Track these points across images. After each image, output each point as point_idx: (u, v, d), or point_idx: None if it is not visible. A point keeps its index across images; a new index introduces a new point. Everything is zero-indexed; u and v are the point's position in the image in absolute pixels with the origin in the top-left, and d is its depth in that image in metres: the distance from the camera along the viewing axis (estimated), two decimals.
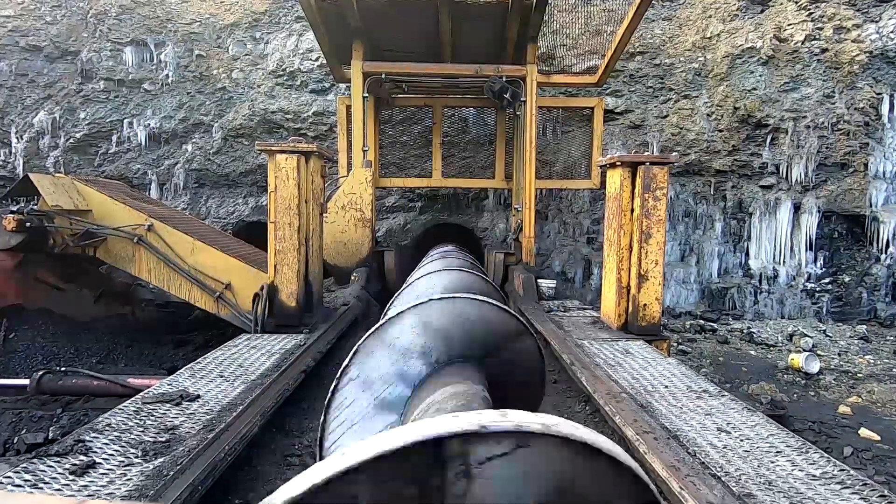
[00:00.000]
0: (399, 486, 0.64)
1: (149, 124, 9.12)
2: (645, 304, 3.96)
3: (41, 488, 1.61)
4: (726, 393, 2.67)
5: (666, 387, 2.78)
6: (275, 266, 3.87)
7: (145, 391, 2.54)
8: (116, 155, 9.24)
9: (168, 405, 2.41)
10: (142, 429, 2.15)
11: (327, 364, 3.54)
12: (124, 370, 5.35)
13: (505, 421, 0.67)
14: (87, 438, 2.02)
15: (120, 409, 2.32)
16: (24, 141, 9.16)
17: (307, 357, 3.14)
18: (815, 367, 5.45)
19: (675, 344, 6.22)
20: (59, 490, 1.61)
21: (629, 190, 4.04)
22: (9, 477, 1.65)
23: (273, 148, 3.87)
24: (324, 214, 4.49)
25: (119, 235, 5.42)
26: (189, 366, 2.97)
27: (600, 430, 2.63)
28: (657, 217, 3.90)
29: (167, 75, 9.13)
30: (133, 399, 2.43)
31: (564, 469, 0.69)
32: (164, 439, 2.08)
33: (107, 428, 2.12)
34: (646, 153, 4.20)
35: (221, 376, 2.84)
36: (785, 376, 5.43)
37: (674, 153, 6.73)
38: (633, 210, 4.05)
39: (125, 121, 9.13)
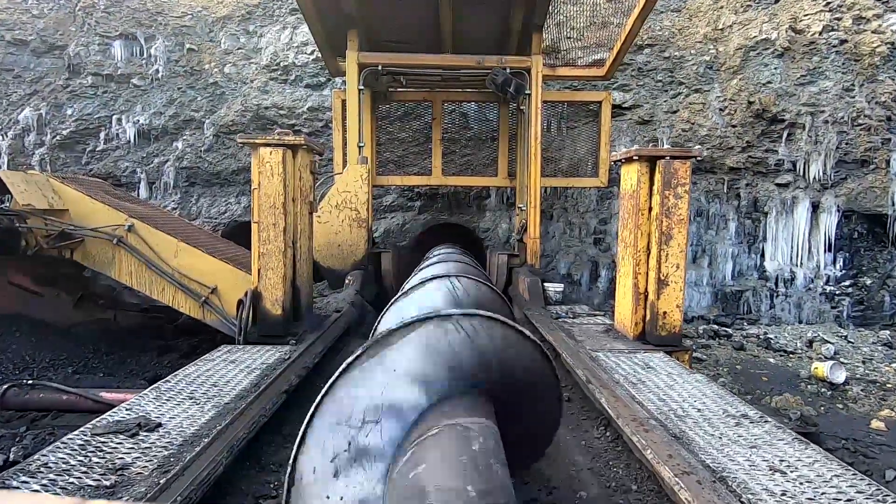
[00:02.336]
0: None
1: (138, 121, 8.81)
2: (665, 312, 3.61)
3: None
4: (769, 419, 2.32)
5: (699, 410, 2.43)
6: (258, 271, 3.53)
7: (98, 419, 2.19)
8: (104, 152, 8.92)
9: (123, 436, 2.06)
10: (85, 469, 1.80)
11: (314, 380, 3.19)
12: (102, 381, 5.02)
13: None
14: (15, 484, 1.67)
15: (63, 442, 1.98)
16: (8, 138, 8.84)
17: (290, 374, 2.80)
18: (840, 376, 5.10)
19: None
20: None
21: (647, 187, 3.69)
22: None
23: (256, 141, 3.53)
24: (314, 213, 4.14)
25: (97, 236, 5.08)
26: (156, 385, 2.63)
27: (628, 465, 2.29)
28: (678, 216, 3.56)
29: (157, 70, 8.82)
30: (82, 429, 2.09)
31: None
32: (108, 483, 1.73)
33: (42, 469, 1.78)
34: (665, 146, 3.85)
35: (191, 398, 2.50)
36: (809, 387, 5.08)
37: (696, 146, 6.39)
38: (651, 209, 3.70)
39: (113, 117, 8.82)
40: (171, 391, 2.57)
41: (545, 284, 5.47)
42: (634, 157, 3.67)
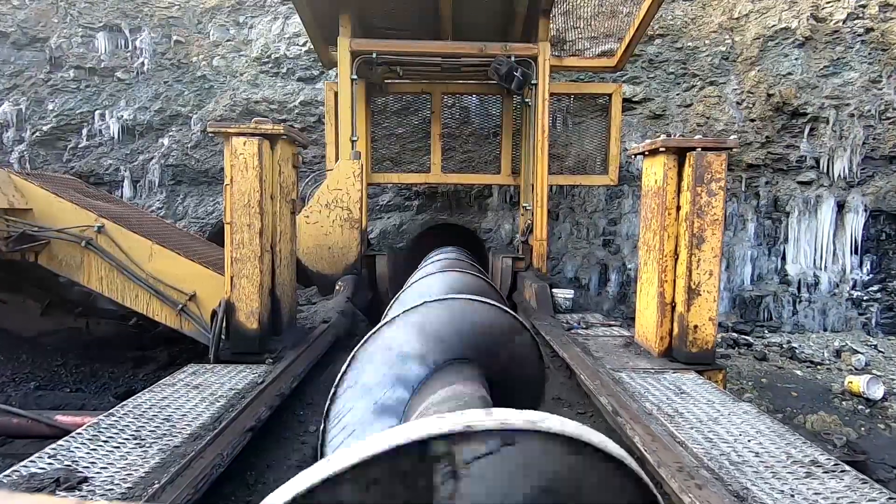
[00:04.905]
0: (387, 490, 0.65)
1: (122, 116, 8.41)
2: (696, 326, 3.17)
3: None
4: (846, 467, 1.87)
5: (756, 454, 1.98)
6: (231, 278, 3.09)
7: (9, 470, 1.74)
8: (87, 149, 8.50)
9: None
10: None
11: (294, 406, 2.75)
12: (69, 397, 4.58)
13: (489, 420, 0.68)
14: None
15: None
16: None
17: (260, 405, 2.35)
18: (878, 392, 4.66)
19: None
20: None
21: (675, 182, 3.25)
22: None
23: (229, 130, 3.09)
24: (303, 214, 3.70)
25: (63, 238, 4.64)
26: (96, 420, 2.18)
27: None
28: (713, 216, 3.11)
29: (142, 63, 8.43)
30: None
31: (553, 466, 0.70)
32: None
33: None
34: (696, 136, 3.41)
35: (136, 437, 2.05)
36: (844, 403, 4.64)
37: (732, 136, 5.93)
38: (679, 207, 3.26)
39: (96, 112, 8.43)
40: (114, 428, 2.12)
41: (554, 291, 5.03)
42: (660, 149, 3.23)
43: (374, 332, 1.70)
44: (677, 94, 7.52)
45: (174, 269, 4.73)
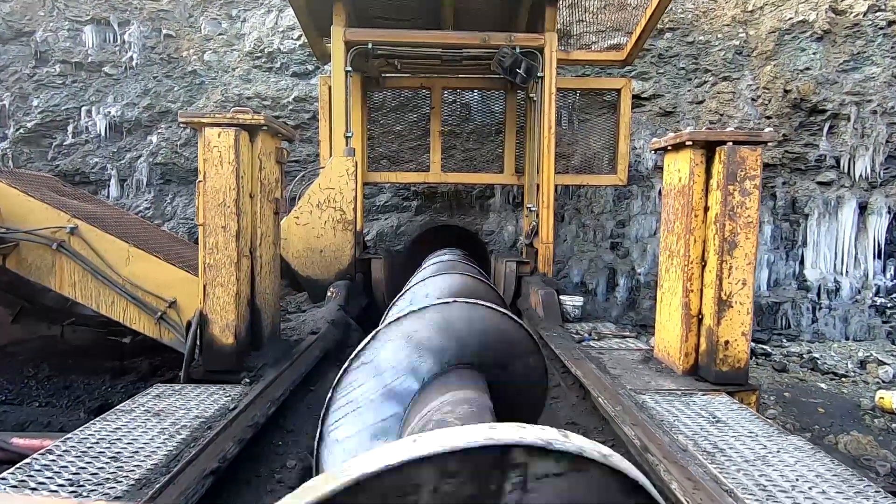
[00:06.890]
0: (460, 483, 0.67)
1: (109, 112, 8.10)
2: (727, 342, 2.82)
3: None
4: None
5: None
6: (204, 287, 2.74)
7: None
8: (72, 147, 8.18)
9: None
10: None
11: (272, 435, 2.40)
12: (38, 412, 4.24)
13: (568, 442, 0.70)
14: None
15: None
16: None
17: (228, 439, 2.00)
18: None
19: None
20: None
21: (702, 180, 2.92)
22: None
23: (202, 120, 2.74)
24: (280, 214, 3.36)
25: (33, 240, 4.30)
26: (29, 460, 1.83)
27: None
28: (746, 218, 2.78)
29: (131, 58, 8.12)
30: None
31: (609, 500, 0.71)
32: None
33: None
34: (728, 129, 3.08)
35: (72, 482, 1.70)
36: (875, 420, 4.29)
37: (767, 129, 5.55)
38: (707, 208, 2.93)
39: (83, 108, 8.12)
40: (49, 470, 1.77)
41: (561, 297, 4.69)
42: (687, 143, 2.90)
43: (397, 320, 1.71)
44: (688, 90, 7.18)
45: (153, 274, 4.40)
